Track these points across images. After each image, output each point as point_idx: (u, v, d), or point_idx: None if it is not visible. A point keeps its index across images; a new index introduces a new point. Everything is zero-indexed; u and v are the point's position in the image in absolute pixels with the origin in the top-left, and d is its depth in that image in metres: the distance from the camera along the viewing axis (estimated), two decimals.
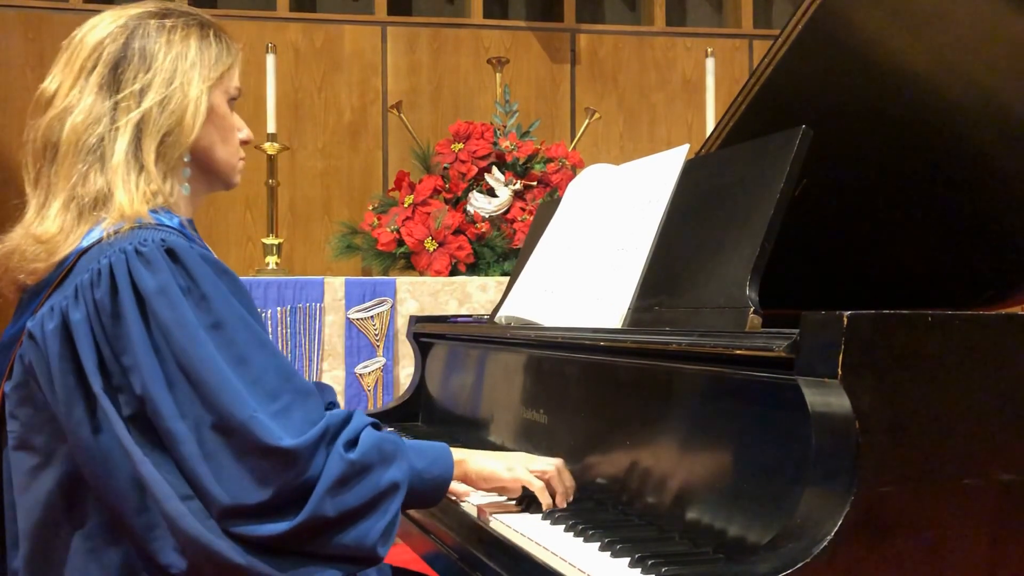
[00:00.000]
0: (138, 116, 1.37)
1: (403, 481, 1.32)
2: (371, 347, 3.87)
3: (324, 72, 5.17)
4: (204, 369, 1.24)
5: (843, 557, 1.02)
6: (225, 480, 1.23)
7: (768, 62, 1.79)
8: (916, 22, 1.72)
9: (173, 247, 1.29)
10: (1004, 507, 1.10)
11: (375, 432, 1.33)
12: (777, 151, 1.45)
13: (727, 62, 5.34)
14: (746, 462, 1.23)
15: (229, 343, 1.27)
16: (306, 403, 1.29)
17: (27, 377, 1.32)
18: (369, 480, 1.28)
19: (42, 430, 1.31)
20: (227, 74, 1.46)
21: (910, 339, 1.06)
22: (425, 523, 1.69)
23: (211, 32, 1.46)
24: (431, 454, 1.41)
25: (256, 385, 1.26)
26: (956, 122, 1.80)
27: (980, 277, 2.01)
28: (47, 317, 1.30)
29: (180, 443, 1.24)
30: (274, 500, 1.23)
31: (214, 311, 1.28)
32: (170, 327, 1.25)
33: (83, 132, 1.36)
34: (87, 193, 1.35)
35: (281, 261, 4.29)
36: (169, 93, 1.38)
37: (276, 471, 1.23)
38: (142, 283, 1.27)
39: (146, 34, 1.41)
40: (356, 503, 1.27)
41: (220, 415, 1.23)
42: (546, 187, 4.49)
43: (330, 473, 1.25)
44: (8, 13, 4.85)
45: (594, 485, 1.55)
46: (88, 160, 1.36)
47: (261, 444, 1.22)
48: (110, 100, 1.37)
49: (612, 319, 1.64)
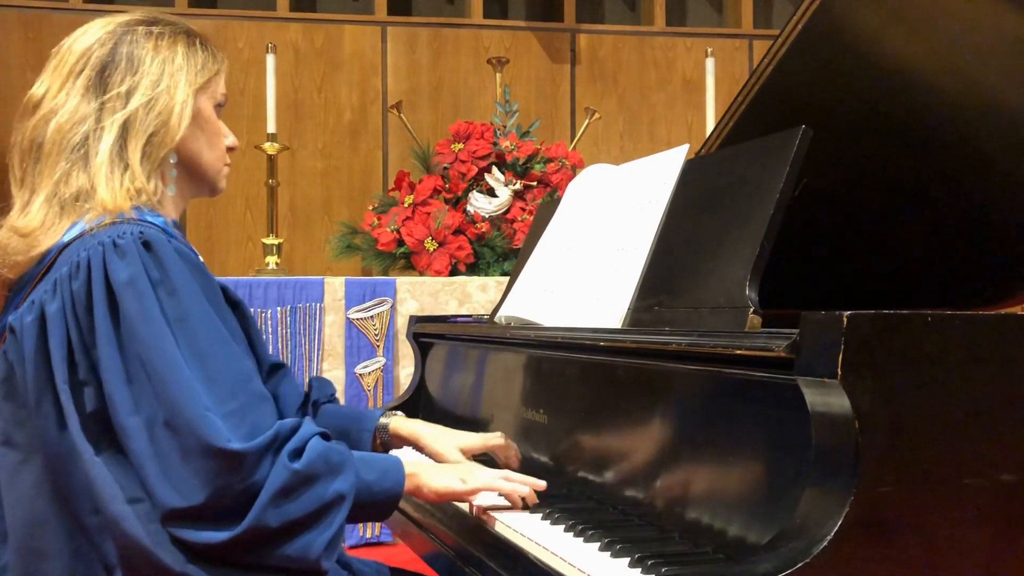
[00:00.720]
0: (124, 116, 1.38)
1: (349, 493, 1.30)
2: (371, 347, 3.87)
3: (324, 72, 5.17)
4: (162, 363, 1.24)
5: (843, 557, 1.02)
6: (170, 479, 1.22)
7: (768, 62, 1.79)
8: (916, 22, 1.72)
9: (150, 239, 1.31)
10: (1004, 507, 1.10)
11: (322, 442, 1.31)
12: (777, 151, 1.45)
13: (727, 62, 5.34)
14: (746, 462, 1.23)
15: (191, 339, 1.27)
16: (260, 408, 1.29)
17: (9, 373, 1.33)
18: (314, 491, 1.26)
19: (24, 426, 1.32)
20: (213, 80, 1.49)
21: (910, 339, 1.06)
22: (425, 523, 1.69)
23: (197, 40, 1.49)
24: (381, 466, 1.39)
25: (212, 383, 1.26)
26: (956, 122, 1.80)
27: (980, 277, 2.01)
28: (27, 311, 1.32)
29: (131, 439, 1.24)
30: (217, 504, 1.22)
31: (181, 305, 1.29)
32: (134, 319, 1.26)
33: (68, 131, 1.38)
34: (69, 190, 1.37)
35: (281, 261, 4.29)
36: (155, 95, 1.40)
37: (220, 473, 1.22)
38: (114, 275, 1.28)
39: (134, 40, 1.43)
40: (299, 514, 1.25)
41: (172, 411, 1.23)
42: (546, 187, 4.49)
43: (274, 482, 1.24)
44: (8, 13, 4.85)
45: (594, 485, 1.55)
46: (72, 158, 1.37)
47: (208, 444, 1.22)
48: (96, 101, 1.39)
49: (612, 319, 1.64)
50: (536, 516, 1.47)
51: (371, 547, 3.77)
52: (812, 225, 1.77)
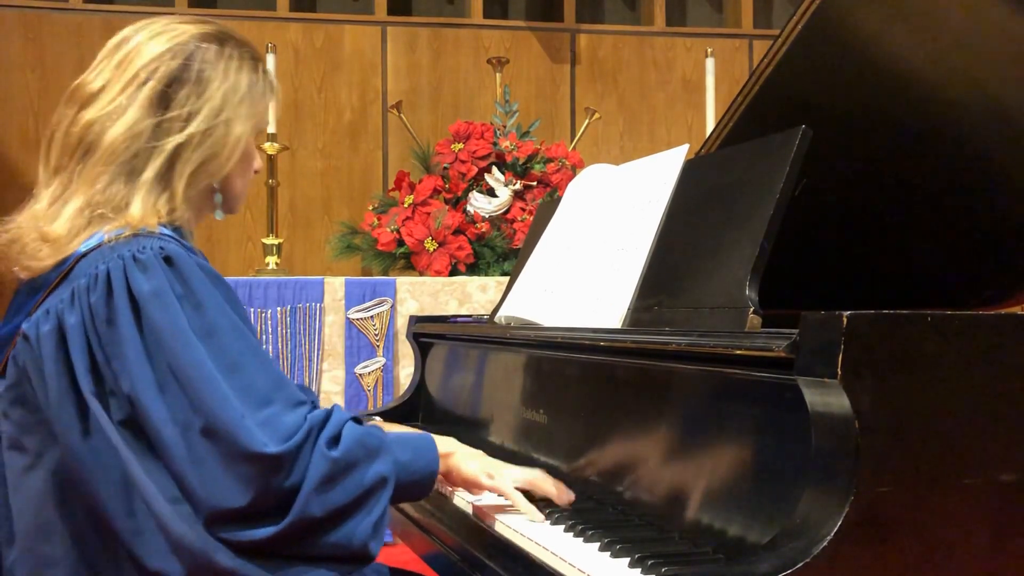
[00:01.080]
0: (179, 140, 1.37)
1: (390, 475, 1.31)
2: (371, 347, 3.87)
3: (324, 72, 5.17)
4: (195, 374, 1.24)
5: (843, 557, 1.02)
6: (211, 485, 1.23)
7: (768, 62, 1.79)
8: (916, 22, 1.71)
9: (171, 254, 1.30)
10: (1004, 507, 1.10)
11: (357, 427, 1.32)
12: (777, 151, 1.45)
13: (727, 62, 5.34)
14: (746, 462, 1.23)
15: (222, 350, 1.27)
16: (295, 412, 1.29)
17: (21, 378, 1.32)
18: (355, 477, 1.27)
19: (34, 431, 1.32)
20: (266, 112, 1.50)
21: (910, 339, 1.06)
22: (425, 523, 1.69)
23: (260, 67, 1.49)
24: (414, 444, 1.40)
25: (246, 392, 1.26)
26: (956, 122, 1.80)
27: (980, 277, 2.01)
28: (42, 320, 1.31)
29: (168, 447, 1.24)
30: (260, 505, 1.23)
31: (208, 318, 1.28)
32: (163, 331, 1.26)
33: (121, 143, 1.36)
34: (106, 201, 1.35)
35: (281, 261, 4.29)
36: (214, 125, 1.39)
37: (262, 476, 1.22)
38: (137, 287, 1.27)
39: (205, 59, 1.41)
40: (343, 501, 1.26)
41: (208, 420, 1.23)
42: (546, 187, 4.49)
43: (315, 473, 1.24)
44: (8, 13, 4.85)
45: (594, 485, 1.55)
46: (117, 171, 1.36)
47: (247, 450, 1.22)
48: (155, 118, 1.37)
49: (612, 319, 1.64)
50: (542, 516, 1.46)
51: None
52: (812, 225, 1.77)
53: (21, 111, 4.87)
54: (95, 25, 4.84)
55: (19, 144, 4.86)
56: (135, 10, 4.78)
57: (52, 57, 4.86)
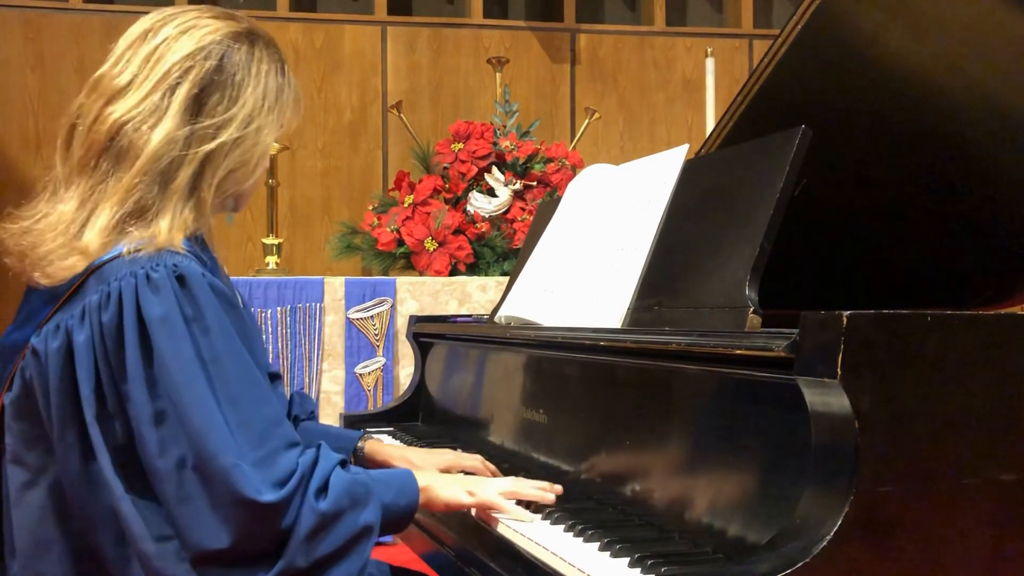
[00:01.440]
0: (210, 148, 1.34)
1: (375, 523, 1.30)
2: (371, 347, 3.87)
3: (324, 72, 5.17)
4: (194, 407, 1.22)
5: (843, 557, 1.02)
6: (201, 525, 1.21)
7: (768, 62, 1.79)
8: (916, 22, 1.72)
9: (184, 273, 1.27)
10: (1004, 507, 1.10)
11: (344, 475, 1.30)
12: (777, 151, 1.45)
13: (727, 62, 5.34)
14: (746, 462, 1.23)
15: (223, 380, 1.25)
16: (289, 453, 1.27)
17: (27, 392, 1.30)
18: (342, 526, 1.27)
19: (35, 446, 1.31)
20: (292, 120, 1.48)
21: (910, 339, 1.06)
22: (425, 523, 1.68)
23: (287, 70, 1.47)
24: (396, 484, 1.39)
25: (243, 428, 1.24)
26: (956, 122, 1.80)
27: (980, 277, 2.01)
28: (51, 335, 1.29)
29: (160, 482, 1.23)
30: (248, 549, 1.22)
31: (215, 346, 1.26)
32: (166, 359, 1.23)
33: (161, 151, 1.31)
34: (137, 210, 1.31)
35: (281, 261, 4.29)
36: (245, 133, 1.37)
37: (252, 523, 1.22)
38: (147, 310, 1.25)
39: (238, 61, 1.38)
40: (329, 550, 1.25)
41: (203, 458, 1.21)
42: (546, 187, 4.49)
43: (303, 527, 1.23)
44: (8, 13, 4.85)
45: (594, 485, 1.55)
46: (151, 180, 1.32)
47: (240, 496, 1.21)
48: (189, 126, 1.33)
49: (612, 319, 1.64)
50: (536, 516, 1.47)
51: None
52: (812, 225, 1.77)
53: (21, 111, 4.87)
54: (95, 25, 4.84)
55: (19, 144, 4.86)
56: (135, 10, 4.77)
57: (52, 57, 4.86)
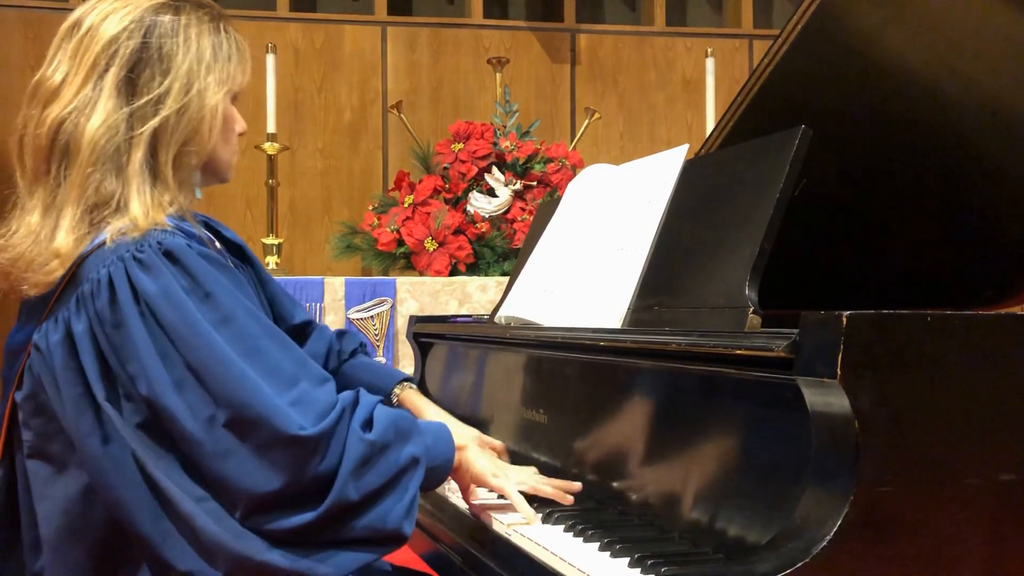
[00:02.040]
0: (155, 125, 1.33)
1: (422, 456, 1.32)
2: (371, 347, 3.87)
3: (324, 72, 5.17)
4: (217, 366, 1.23)
5: (843, 557, 1.02)
6: (248, 474, 1.21)
7: (768, 62, 1.79)
8: (916, 22, 1.72)
9: (171, 248, 1.28)
10: (1004, 507, 1.10)
11: (388, 410, 1.32)
12: (777, 151, 1.45)
13: (727, 62, 5.34)
14: (746, 462, 1.23)
15: (240, 336, 1.25)
16: (323, 388, 1.28)
17: (36, 388, 1.31)
18: (389, 458, 1.28)
19: (56, 439, 1.31)
20: (238, 73, 1.43)
21: (910, 339, 1.06)
22: (425, 523, 1.68)
23: (222, 26, 1.42)
24: (435, 431, 1.41)
25: (273, 375, 1.25)
26: (956, 122, 1.80)
27: (980, 277, 2.01)
28: (51, 329, 1.29)
29: (196, 445, 1.23)
30: (296, 488, 1.22)
31: (221, 307, 1.26)
32: (176, 328, 1.24)
33: (100, 140, 1.31)
34: (101, 202, 1.32)
35: (281, 261, 4.29)
36: (187, 101, 1.35)
37: (299, 460, 1.22)
38: (143, 288, 1.25)
39: (162, 32, 1.35)
40: (378, 483, 1.26)
41: (238, 410, 1.21)
42: (546, 187, 4.49)
43: (351, 456, 1.24)
44: (8, 13, 4.85)
45: (594, 485, 1.55)
46: (104, 169, 1.32)
47: (283, 435, 1.21)
48: (127, 107, 1.33)
49: (612, 319, 1.64)
50: (537, 517, 1.47)
51: None
52: (812, 225, 1.76)
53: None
54: None
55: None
56: None
57: None
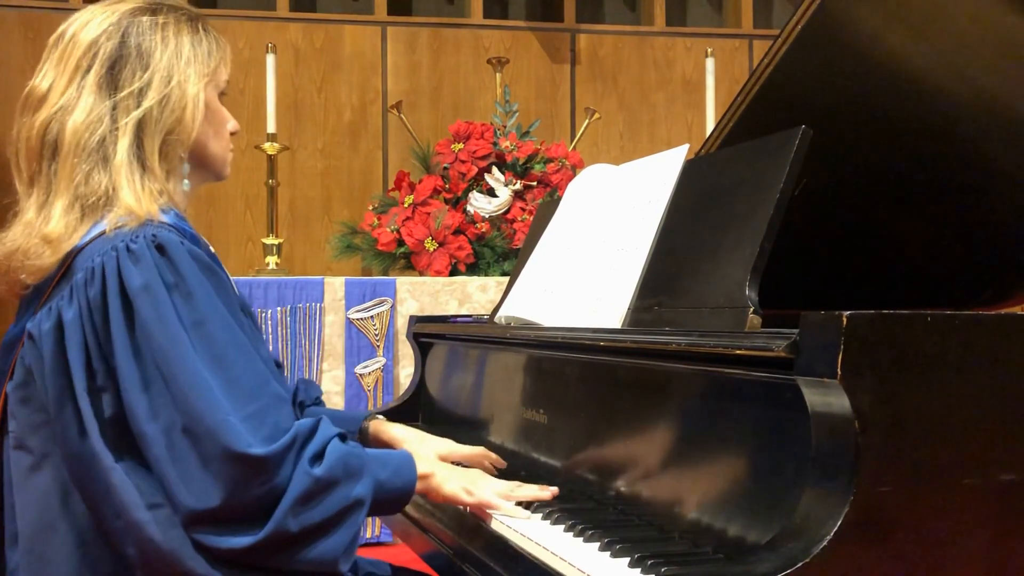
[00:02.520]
0: (139, 116, 1.37)
1: (367, 497, 1.31)
2: (371, 347, 3.87)
3: (324, 72, 5.17)
4: (180, 369, 1.24)
5: (843, 557, 1.02)
6: (191, 484, 1.23)
7: (768, 62, 1.79)
8: (916, 22, 1.72)
9: (163, 243, 1.30)
10: (1004, 507, 1.10)
11: (341, 445, 1.32)
12: (777, 151, 1.45)
13: (727, 62, 5.34)
14: (746, 462, 1.23)
15: (208, 342, 1.27)
16: (279, 410, 1.29)
17: (27, 378, 1.33)
18: (334, 496, 1.28)
19: (38, 431, 1.32)
20: (219, 68, 1.48)
21: (910, 339, 1.06)
22: (425, 523, 1.69)
23: (200, 26, 1.47)
24: (393, 465, 1.40)
25: (231, 387, 1.26)
26: (955, 122, 1.80)
27: (980, 277, 2.01)
28: (45, 317, 1.31)
29: (150, 445, 1.24)
30: (238, 508, 1.23)
31: (197, 308, 1.28)
32: (151, 326, 1.26)
33: (84, 132, 1.35)
34: (91, 192, 1.35)
35: (281, 261, 4.28)
36: (168, 92, 1.39)
37: (243, 478, 1.22)
38: (129, 281, 1.27)
39: (140, 31, 1.40)
40: (320, 519, 1.26)
41: (191, 417, 1.23)
42: (546, 187, 4.49)
43: (295, 489, 1.24)
44: (8, 13, 4.85)
45: (594, 485, 1.55)
46: (91, 160, 1.35)
47: (230, 450, 1.22)
48: (109, 100, 1.37)
49: (612, 319, 1.64)
50: (536, 516, 1.47)
51: (371, 547, 3.77)
52: (812, 225, 1.77)
53: None
54: None
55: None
56: None
57: None
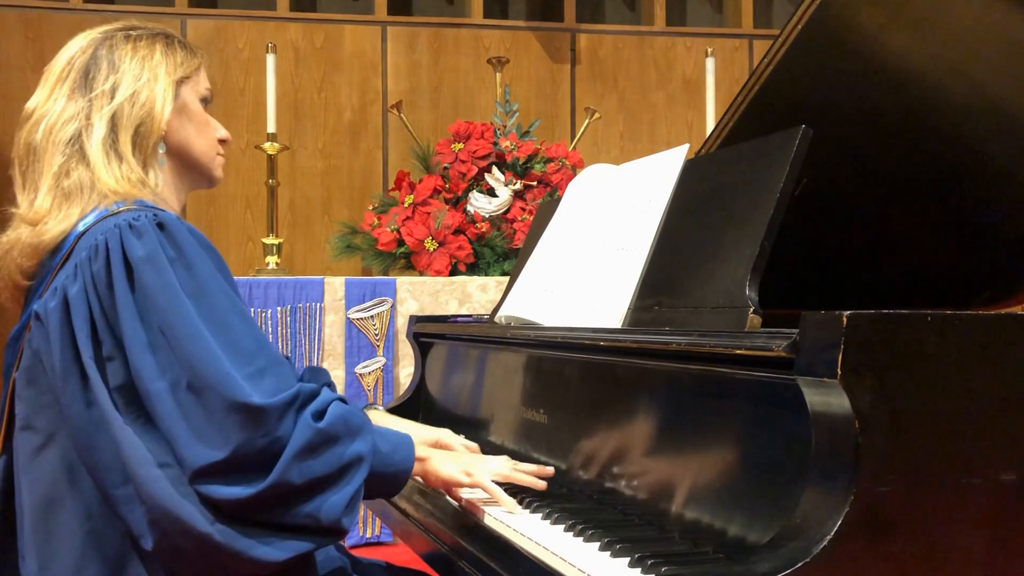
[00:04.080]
0: (111, 111, 1.46)
1: (368, 455, 1.36)
2: (371, 347, 3.87)
3: (324, 72, 5.17)
4: (184, 331, 1.30)
5: (843, 557, 1.03)
6: (196, 436, 1.27)
7: (768, 62, 1.79)
8: (916, 22, 1.72)
9: (164, 221, 1.37)
10: (1004, 507, 1.10)
11: (343, 405, 1.37)
12: (777, 151, 1.45)
13: (727, 62, 5.34)
14: (746, 462, 1.23)
15: (210, 309, 1.33)
16: (279, 369, 1.34)
17: (35, 360, 1.38)
18: (335, 450, 1.32)
19: (44, 411, 1.37)
20: (194, 75, 1.56)
21: (910, 339, 1.06)
22: (424, 522, 1.69)
23: (175, 41, 1.56)
24: (394, 439, 1.45)
25: (233, 348, 1.31)
26: (955, 122, 1.80)
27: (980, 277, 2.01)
28: (50, 297, 1.37)
29: (158, 402, 1.29)
30: (241, 459, 1.27)
31: (198, 280, 1.34)
32: (155, 292, 1.32)
33: (59, 128, 1.45)
34: (71, 182, 1.43)
35: (281, 261, 4.29)
36: (138, 88, 1.48)
37: (245, 428, 1.27)
38: (131, 252, 1.34)
39: (114, 44, 1.51)
40: (322, 472, 1.30)
41: (196, 373, 1.28)
42: (546, 187, 4.49)
43: (298, 440, 1.29)
44: (8, 13, 4.85)
45: (594, 485, 1.55)
46: (67, 152, 1.44)
47: (232, 400, 1.27)
48: (83, 99, 1.47)
49: (612, 319, 1.64)
50: (536, 516, 1.47)
51: (371, 547, 3.77)
52: (812, 225, 1.77)
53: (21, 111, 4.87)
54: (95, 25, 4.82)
55: None
56: (135, 10, 4.77)
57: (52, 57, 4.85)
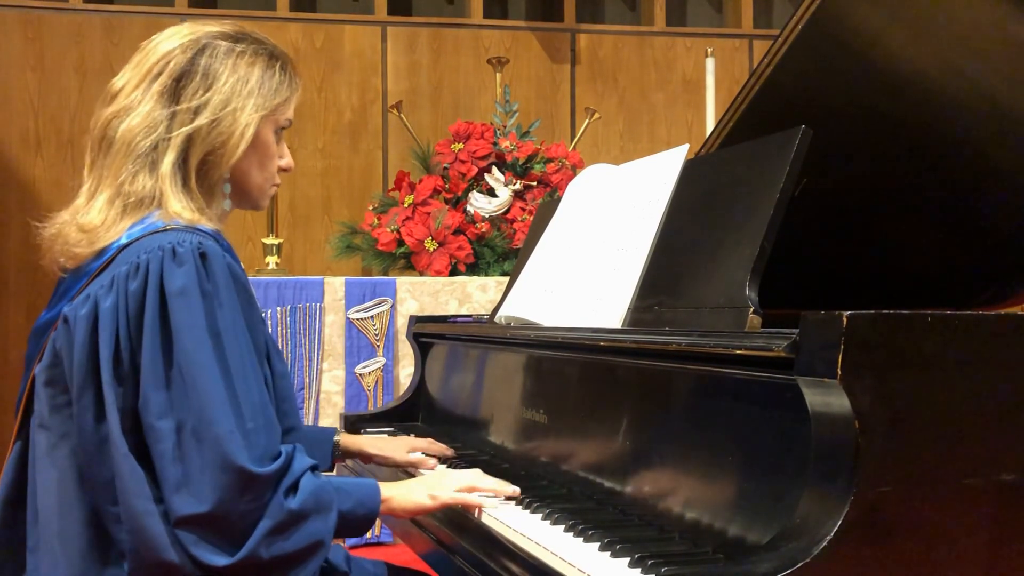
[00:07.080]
0: (189, 131, 1.42)
1: (328, 535, 1.37)
2: (371, 347, 3.87)
3: (324, 72, 5.17)
4: (200, 376, 1.29)
5: (843, 557, 1.03)
6: (185, 484, 1.28)
7: (768, 62, 1.79)
8: (916, 22, 1.72)
9: (207, 251, 1.35)
10: (1004, 507, 1.10)
11: (313, 480, 1.36)
12: (777, 151, 1.45)
13: (727, 62, 5.34)
14: (746, 462, 1.23)
15: (223, 353, 1.32)
16: (270, 434, 1.34)
17: (56, 360, 1.38)
18: (305, 529, 1.33)
19: (59, 412, 1.37)
20: (283, 106, 1.51)
21: (910, 339, 1.06)
22: (425, 523, 1.68)
23: (278, 64, 1.51)
24: (357, 495, 1.44)
25: (236, 400, 1.31)
26: (955, 122, 1.80)
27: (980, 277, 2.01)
28: (81, 304, 1.36)
29: (159, 439, 1.29)
30: (221, 517, 1.27)
31: (223, 320, 1.33)
32: (181, 330, 1.31)
33: (138, 134, 1.41)
34: (134, 192, 1.41)
35: (281, 261, 4.29)
36: (221, 116, 1.43)
37: (233, 489, 1.27)
38: (169, 283, 1.33)
39: (214, 54, 1.45)
40: (290, 550, 1.32)
41: (202, 421, 1.28)
42: (546, 187, 4.49)
43: (270, 519, 1.30)
44: (8, 13, 4.85)
45: (594, 485, 1.55)
46: (139, 162, 1.41)
47: (230, 461, 1.27)
48: (168, 109, 1.42)
49: (612, 319, 1.64)
50: (536, 516, 1.47)
51: (371, 547, 3.77)
52: (812, 225, 1.77)
53: (21, 111, 4.87)
54: (95, 25, 4.84)
55: (19, 144, 4.86)
56: (135, 10, 4.77)
57: (52, 57, 4.86)
